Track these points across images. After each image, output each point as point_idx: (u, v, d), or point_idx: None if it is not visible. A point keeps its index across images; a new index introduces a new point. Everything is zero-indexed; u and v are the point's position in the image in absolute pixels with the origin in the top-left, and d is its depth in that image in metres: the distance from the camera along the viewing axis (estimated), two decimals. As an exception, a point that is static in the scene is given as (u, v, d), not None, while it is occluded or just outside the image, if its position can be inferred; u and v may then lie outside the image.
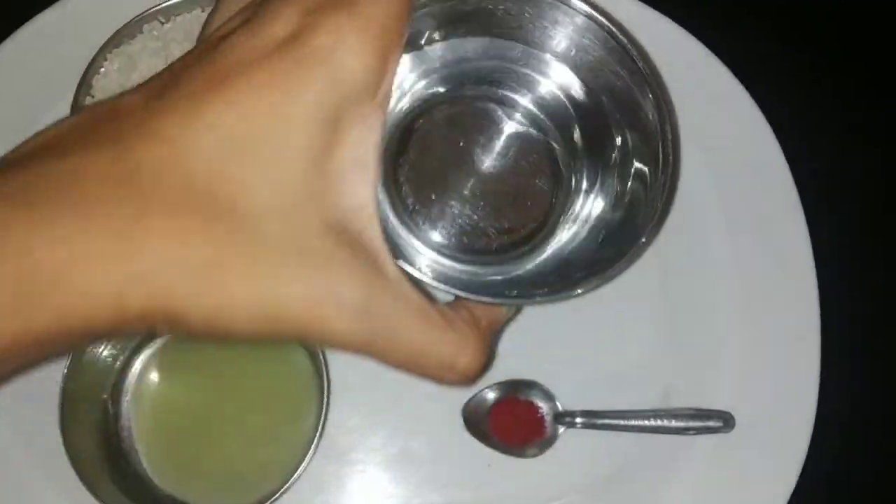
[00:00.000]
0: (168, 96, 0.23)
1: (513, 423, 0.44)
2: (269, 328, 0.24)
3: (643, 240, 0.27)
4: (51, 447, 0.37)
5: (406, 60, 0.30)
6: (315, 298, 0.23)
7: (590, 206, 0.32)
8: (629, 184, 0.31)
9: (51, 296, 0.21)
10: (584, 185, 0.32)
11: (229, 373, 0.43)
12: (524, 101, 0.32)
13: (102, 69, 0.42)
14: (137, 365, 0.43)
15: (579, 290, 0.27)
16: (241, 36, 0.24)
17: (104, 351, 0.40)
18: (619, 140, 0.31)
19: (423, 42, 0.30)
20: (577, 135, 0.32)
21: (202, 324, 0.23)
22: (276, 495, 0.38)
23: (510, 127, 0.32)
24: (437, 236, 0.31)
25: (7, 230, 0.21)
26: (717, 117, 0.44)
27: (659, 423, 0.43)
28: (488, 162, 0.32)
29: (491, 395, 0.44)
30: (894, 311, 0.48)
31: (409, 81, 0.32)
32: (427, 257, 0.30)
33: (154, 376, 0.43)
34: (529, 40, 0.30)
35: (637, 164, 0.30)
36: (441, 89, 0.32)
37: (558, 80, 0.31)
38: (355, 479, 0.43)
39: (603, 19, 0.28)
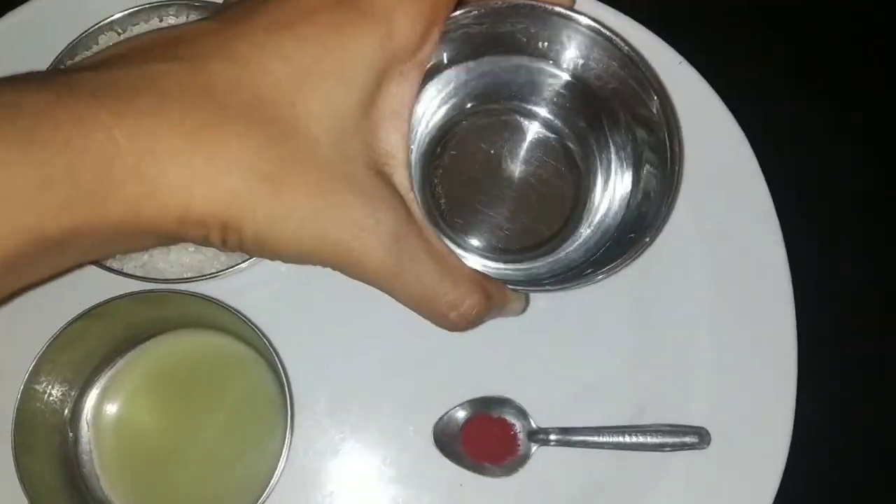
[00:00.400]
0: (243, 27, 0.25)
1: (485, 442, 0.43)
2: (312, 250, 0.26)
3: (647, 239, 0.30)
4: (4, 476, 0.36)
5: (444, 76, 0.34)
6: (358, 224, 0.26)
7: (605, 207, 0.35)
8: (640, 184, 0.33)
9: (128, 185, 0.23)
10: (601, 187, 0.35)
11: (193, 396, 0.42)
12: (546, 112, 0.35)
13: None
14: (97, 389, 0.41)
15: (582, 282, 0.30)
16: None
17: (58, 381, 0.39)
18: (631, 142, 0.34)
19: (459, 60, 0.33)
20: (593, 140, 0.35)
21: (254, 236, 0.25)
22: (241, 521, 0.37)
23: (534, 136, 0.35)
24: (464, 235, 0.34)
25: (94, 119, 0.22)
26: (692, 127, 0.43)
27: (634, 439, 0.42)
28: (514, 168, 0.35)
29: (462, 414, 0.43)
30: (871, 323, 0.48)
31: (445, 95, 0.34)
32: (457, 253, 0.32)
33: (115, 400, 0.41)
34: (549, 57, 0.33)
35: (647, 166, 0.33)
36: (473, 103, 0.35)
37: (575, 90, 0.34)
38: (324, 502, 0.42)
39: (608, 33, 0.31)
